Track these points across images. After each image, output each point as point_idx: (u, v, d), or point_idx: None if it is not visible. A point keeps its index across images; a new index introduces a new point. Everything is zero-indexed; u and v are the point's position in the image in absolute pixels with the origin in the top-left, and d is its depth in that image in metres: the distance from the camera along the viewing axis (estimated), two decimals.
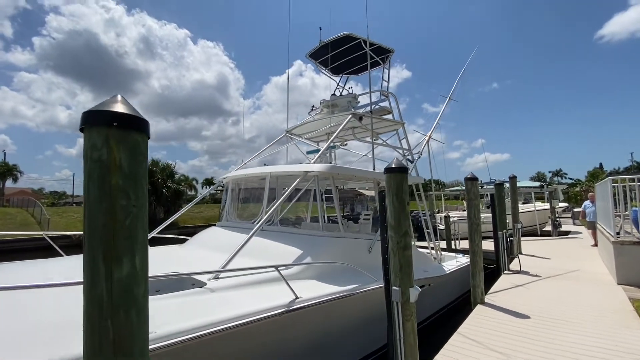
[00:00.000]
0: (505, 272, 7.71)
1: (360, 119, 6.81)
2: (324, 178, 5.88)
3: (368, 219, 7.86)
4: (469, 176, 5.81)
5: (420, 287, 6.29)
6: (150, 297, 3.34)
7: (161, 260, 4.74)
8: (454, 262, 7.74)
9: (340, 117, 6.93)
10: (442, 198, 17.05)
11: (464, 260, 8.22)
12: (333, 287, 4.17)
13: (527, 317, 4.81)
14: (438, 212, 17.58)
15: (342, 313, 4.13)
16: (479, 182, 18.94)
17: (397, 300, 3.17)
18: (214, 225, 7.45)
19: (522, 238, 12.59)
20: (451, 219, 11.78)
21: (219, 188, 8.11)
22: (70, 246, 6.47)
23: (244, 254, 4.85)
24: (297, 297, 3.53)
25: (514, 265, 8.25)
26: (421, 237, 12.64)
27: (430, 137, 7.24)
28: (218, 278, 3.71)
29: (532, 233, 15.37)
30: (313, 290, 3.92)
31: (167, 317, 2.77)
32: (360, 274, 4.59)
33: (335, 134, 6.25)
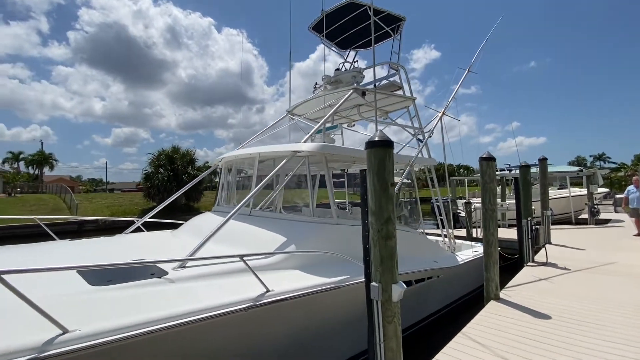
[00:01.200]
0: (529, 264, 6.94)
1: (364, 94, 6.19)
2: (318, 160, 5.38)
3: None
4: (484, 155, 5.10)
5: (428, 278, 5.78)
6: (97, 288, 3.11)
7: (135, 247, 4.50)
8: (470, 252, 7.06)
9: (341, 93, 6.34)
10: (466, 183, 15.99)
11: (482, 250, 7.50)
12: (318, 278, 3.73)
13: (546, 317, 4.16)
14: (460, 199, 16.62)
15: (325, 308, 3.69)
16: (508, 166, 17.73)
17: (377, 298, 2.68)
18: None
19: (553, 226, 11.56)
20: (473, 206, 10.93)
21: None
22: (97, 230, 6.32)
23: (224, 241, 4.51)
24: (268, 290, 3.14)
25: (539, 256, 7.43)
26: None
27: (444, 113, 6.50)
28: (184, 267, 3.38)
29: (566, 221, 14.12)
30: (294, 282, 3.51)
31: (107, 311, 2.46)
32: (353, 265, 4.12)
33: (333, 109, 5.69)
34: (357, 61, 7.68)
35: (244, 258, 3.04)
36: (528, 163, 12.57)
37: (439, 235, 8.42)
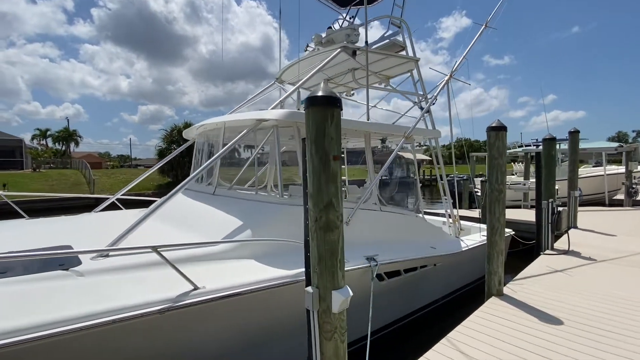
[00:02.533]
0: (547, 252, 6.06)
1: (354, 53, 5.31)
2: (290, 132, 4.65)
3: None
4: (493, 124, 4.20)
5: (422, 267, 5.08)
6: None
7: (78, 230, 4.06)
8: (478, 237, 6.24)
9: (329, 52, 5.48)
10: (487, 160, 14.71)
11: None
12: (273, 270, 3.13)
13: (556, 321, 3.40)
14: (480, 176, 15.47)
15: (271, 310, 3.08)
16: (536, 141, 16.16)
17: (311, 307, 2.04)
18: None
19: (582, 208, 10.37)
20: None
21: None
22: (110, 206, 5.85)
23: (182, 225, 3.98)
24: (196, 288, 2.57)
25: (561, 243, 6.51)
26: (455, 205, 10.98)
27: (451, 76, 5.51)
28: (107, 256, 2.87)
29: (599, 202, 12.76)
30: (240, 275, 2.93)
31: None
32: None
33: (315, 70, 4.89)
34: (353, 18, 6.70)
35: (160, 249, 2.45)
36: (556, 137, 11.29)
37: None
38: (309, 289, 2.08)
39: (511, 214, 9.83)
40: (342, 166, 8.85)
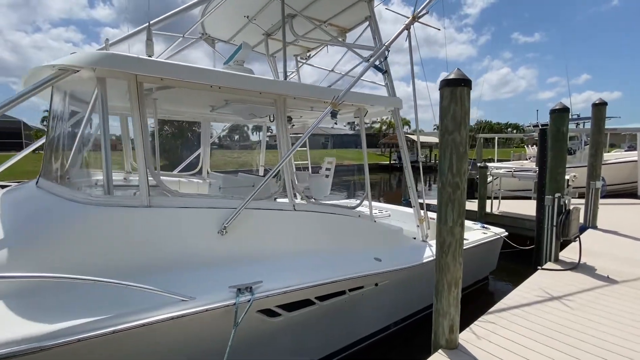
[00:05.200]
0: (546, 266, 4.45)
1: None
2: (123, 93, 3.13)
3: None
4: (450, 76, 2.59)
5: (353, 290, 3.56)
6: None
7: None
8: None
9: None
10: (496, 143, 12.72)
11: (481, 235, 5.09)
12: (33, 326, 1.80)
13: None
14: (489, 161, 13.53)
15: None
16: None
17: None
18: None
19: (606, 201, 8.49)
20: (489, 171, 8.14)
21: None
22: None
23: None
24: None
25: (569, 251, 4.87)
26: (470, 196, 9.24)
27: (415, 19, 3.82)
28: None
29: (629, 193, 10.71)
30: None
31: None
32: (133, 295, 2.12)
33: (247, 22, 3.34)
34: None
35: None
36: (580, 115, 9.38)
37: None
38: None
39: (515, 207, 8.09)
40: (304, 148, 7.33)
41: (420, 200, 4.43)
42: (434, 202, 8.71)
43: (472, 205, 8.61)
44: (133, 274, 2.25)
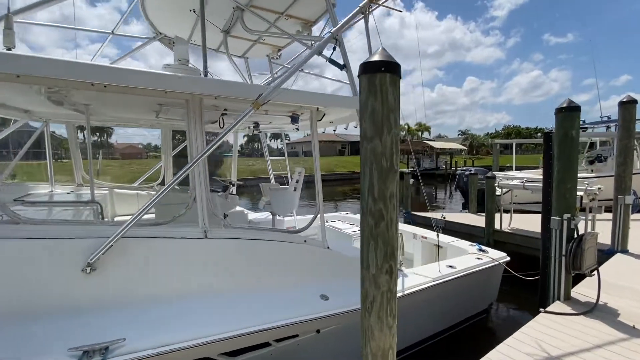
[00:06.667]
0: (552, 307, 3.48)
1: None
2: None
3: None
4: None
5: (282, 340, 2.67)
6: None
7: None
8: (435, 270, 3.82)
9: None
10: (514, 148, 11.46)
11: (474, 261, 4.20)
12: None
13: None
14: (504, 169, 12.31)
15: None
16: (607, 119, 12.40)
17: None
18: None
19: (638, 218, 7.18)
20: (497, 181, 7.09)
21: None
22: None
23: None
24: None
25: (587, 284, 3.86)
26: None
27: (373, 0, 3.08)
28: None
29: None
30: None
31: None
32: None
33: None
34: None
35: None
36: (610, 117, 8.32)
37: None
38: None
39: (529, 223, 6.97)
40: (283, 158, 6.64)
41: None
42: (429, 214, 7.79)
43: (479, 220, 7.59)
44: None
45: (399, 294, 3.24)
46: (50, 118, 4.63)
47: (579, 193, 4.43)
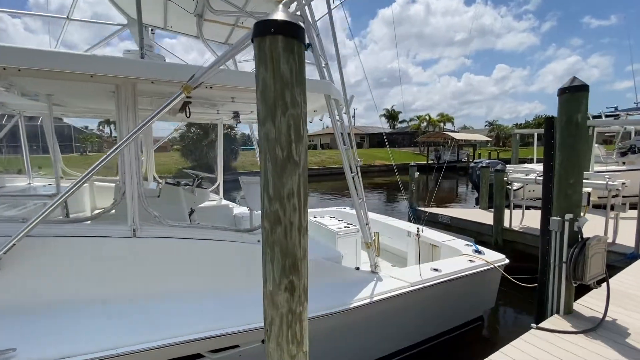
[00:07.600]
0: (547, 322, 2.98)
1: None
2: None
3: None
4: None
5: (217, 351, 2.33)
6: None
7: None
8: (428, 272, 3.39)
9: None
10: (535, 139, 10.54)
11: (465, 264, 3.74)
12: None
13: None
14: (524, 162, 11.47)
15: None
16: (610, 111, 11.34)
17: None
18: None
19: None
20: (508, 174, 6.43)
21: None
22: None
23: None
24: None
25: (595, 295, 3.31)
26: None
27: None
28: None
29: None
30: None
31: None
32: None
33: None
34: None
35: None
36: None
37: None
38: None
39: (539, 221, 6.25)
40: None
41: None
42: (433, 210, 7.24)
43: (489, 216, 6.97)
44: None
45: (366, 300, 2.89)
46: (23, 110, 4.54)
47: (587, 189, 3.82)
